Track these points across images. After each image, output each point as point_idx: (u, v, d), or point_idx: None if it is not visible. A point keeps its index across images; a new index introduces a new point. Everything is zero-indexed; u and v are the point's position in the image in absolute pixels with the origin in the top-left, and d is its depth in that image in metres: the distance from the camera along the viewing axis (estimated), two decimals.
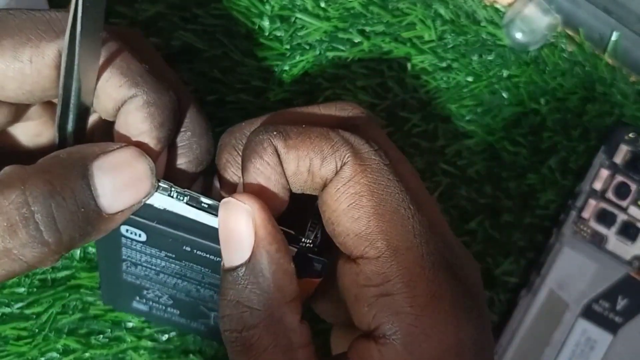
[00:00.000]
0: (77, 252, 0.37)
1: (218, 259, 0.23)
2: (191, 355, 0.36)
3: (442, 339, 0.20)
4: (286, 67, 0.38)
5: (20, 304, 0.36)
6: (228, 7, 0.38)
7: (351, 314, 0.22)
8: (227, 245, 0.21)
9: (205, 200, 0.22)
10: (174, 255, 0.25)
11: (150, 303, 0.30)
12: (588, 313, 0.37)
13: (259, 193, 0.21)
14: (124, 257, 0.26)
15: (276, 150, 0.21)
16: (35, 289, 0.37)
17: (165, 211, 0.22)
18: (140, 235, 0.24)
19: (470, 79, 0.39)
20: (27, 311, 0.36)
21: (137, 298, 0.30)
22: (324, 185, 0.22)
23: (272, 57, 0.38)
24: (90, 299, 0.36)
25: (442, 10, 0.39)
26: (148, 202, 0.22)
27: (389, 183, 0.21)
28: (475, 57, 0.39)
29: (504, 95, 0.39)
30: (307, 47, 0.38)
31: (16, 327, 0.36)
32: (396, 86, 0.38)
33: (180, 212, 0.22)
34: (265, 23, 0.38)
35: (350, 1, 0.38)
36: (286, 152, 0.21)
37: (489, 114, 0.39)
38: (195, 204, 0.22)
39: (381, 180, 0.21)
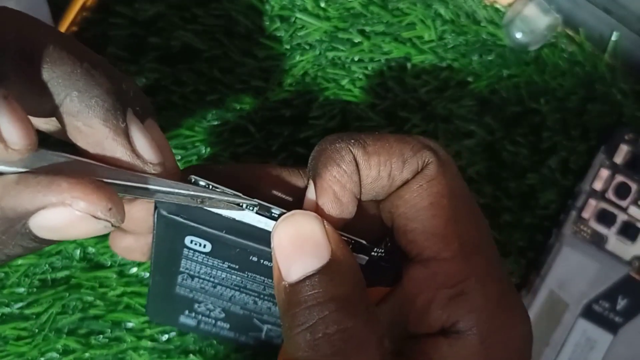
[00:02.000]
0: (77, 252, 0.37)
1: None
2: (191, 356, 0.36)
3: (514, 333, 0.21)
4: (286, 67, 0.38)
5: (20, 304, 0.36)
6: (228, 7, 0.38)
7: (413, 317, 0.22)
8: (302, 252, 0.20)
9: (276, 210, 0.21)
10: (237, 267, 0.25)
11: (200, 317, 0.29)
12: (588, 313, 0.37)
13: (331, 202, 0.21)
14: (181, 269, 0.26)
15: (354, 159, 0.21)
16: (35, 289, 0.37)
17: (233, 221, 0.22)
18: (204, 246, 0.23)
19: (470, 79, 0.39)
20: (27, 311, 0.36)
21: (187, 312, 0.29)
22: (398, 188, 0.22)
23: (272, 57, 0.38)
24: (90, 298, 0.36)
25: (442, 10, 0.39)
26: (216, 211, 0.21)
27: (464, 187, 0.22)
28: (475, 57, 0.39)
29: (504, 95, 0.39)
30: (307, 47, 0.38)
31: (16, 327, 0.36)
32: (396, 86, 0.38)
33: (250, 222, 0.22)
34: (265, 23, 0.38)
35: (350, 1, 0.38)
36: (367, 160, 0.21)
37: (489, 114, 0.39)
38: (266, 212, 0.21)
39: (459, 184, 0.22)
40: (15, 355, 0.36)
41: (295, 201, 0.23)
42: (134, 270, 0.37)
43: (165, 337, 0.36)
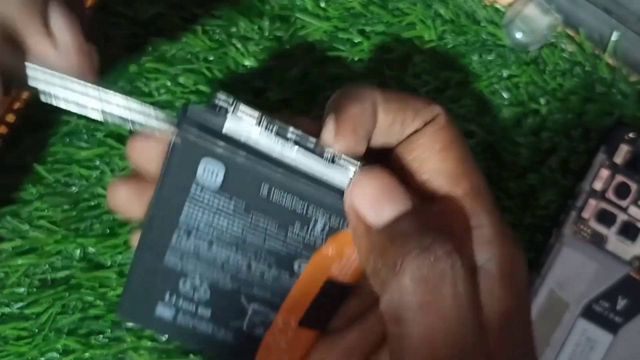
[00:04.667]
0: (77, 252, 0.37)
1: (294, 202, 0.23)
2: (191, 355, 0.36)
3: (520, 261, 0.23)
4: (286, 67, 0.38)
5: (20, 304, 0.36)
6: (228, 7, 0.38)
7: None
8: (390, 197, 0.22)
9: (295, 131, 0.22)
10: (243, 205, 0.24)
11: (180, 302, 0.28)
12: (588, 313, 0.37)
13: (349, 136, 0.23)
14: (181, 220, 0.25)
15: (374, 102, 0.23)
16: (35, 289, 0.37)
17: (248, 144, 0.22)
18: (217, 176, 0.23)
19: (470, 79, 0.39)
20: (27, 311, 0.36)
21: (167, 297, 0.27)
22: (409, 135, 0.24)
23: (272, 57, 0.38)
24: (90, 298, 0.36)
25: (442, 10, 0.39)
26: (230, 134, 0.22)
27: (466, 140, 0.25)
28: (475, 57, 0.39)
29: (504, 95, 0.39)
30: (307, 47, 0.38)
31: (16, 327, 0.36)
32: (396, 86, 0.38)
33: (266, 145, 0.22)
34: (265, 23, 0.38)
35: (350, 1, 0.38)
36: (385, 105, 0.23)
37: (489, 114, 0.39)
38: (285, 135, 0.22)
39: (463, 135, 0.24)
40: (15, 355, 0.36)
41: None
42: None
43: (165, 337, 0.36)
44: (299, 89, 0.38)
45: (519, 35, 0.38)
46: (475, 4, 0.39)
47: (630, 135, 0.38)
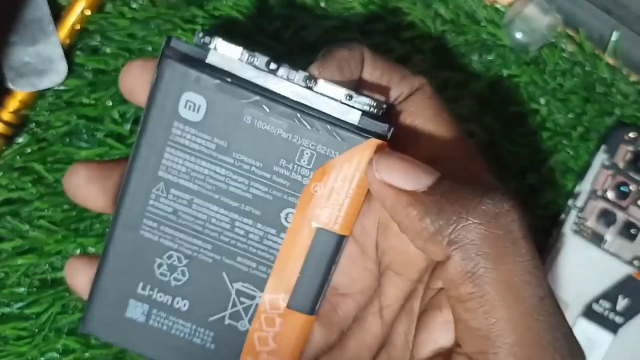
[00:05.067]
0: (77, 252, 0.37)
1: (278, 132, 0.22)
2: None
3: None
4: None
5: (20, 304, 0.36)
6: (228, 7, 0.38)
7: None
8: (418, 166, 0.22)
9: (277, 62, 0.22)
10: (226, 143, 0.23)
11: (154, 294, 0.24)
12: (588, 313, 0.37)
13: (333, 72, 0.23)
14: (161, 172, 0.23)
15: (362, 54, 0.24)
16: (35, 289, 0.37)
17: (230, 74, 0.22)
18: (198, 110, 0.22)
19: (470, 79, 0.39)
20: (27, 311, 0.36)
21: (140, 288, 0.24)
22: (400, 102, 0.24)
23: (272, 57, 0.38)
24: None
25: (442, 10, 0.39)
26: (209, 61, 0.22)
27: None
28: (475, 57, 0.39)
29: (504, 95, 0.39)
30: (307, 47, 0.38)
31: (16, 327, 0.36)
32: None
33: (249, 76, 0.22)
34: (265, 23, 0.38)
35: (350, 1, 0.38)
36: (373, 60, 0.24)
37: (489, 114, 0.39)
38: (269, 65, 0.22)
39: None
40: (15, 355, 0.36)
41: None
42: None
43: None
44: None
45: (519, 35, 0.38)
46: (475, 4, 0.39)
47: (630, 135, 0.38)
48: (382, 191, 0.22)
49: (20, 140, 0.37)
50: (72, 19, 0.37)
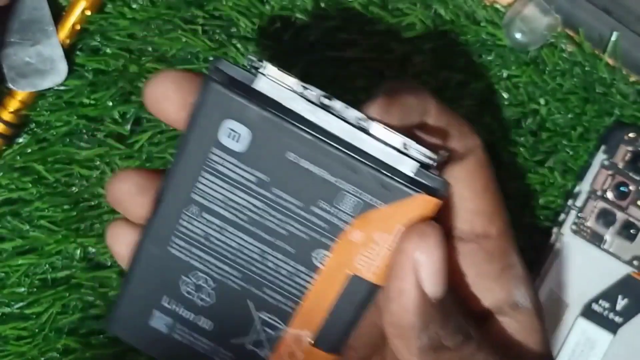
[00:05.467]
0: (78, 252, 0.37)
1: (323, 173, 0.21)
2: None
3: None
4: (286, 68, 0.38)
5: (20, 304, 0.36)
6: (228, 7, 0.38)
7: (464, 296, 0.23)
8: (445, 271, 0.21)
9: (331, 97, 0.21)
10: (267, 179, 0.21)
11: (179, 309, 0.24)
12: (588, 313, 0.37)
13: (386, 108, 0.21)
14: (194, 195, 0.22)
15: (428, 102, 0.22)
16: (35, 289, 0.37)
17: (278, 105, 0.20)
18: (241, 139, 0.21)
19: (470, 79, 0.39)
20: (27, 311, 0.36)
21: (166, 301, 0.24)
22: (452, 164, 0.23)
23: (272, 57, 0.38)
24: (90, 298, 0.37)
25: (442, 11, 0.39)
26: (257, 87, 0.20)
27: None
28: (475, 57, 0.39)
29: (504, 95, 0.39)
30: (307, 47, 0.38)
31: (16, 327, 0.36)
32: None
33: (298, 109, 0.21)
34: (265, 23, 0.38)
35: (351, 1, 0.38)
36: (438, 111, 0.22)
37: (489, 114, 0.39)
38: (322, 99, 0.21)
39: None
40: (16, 355, 0.36)
41: None
42: None
43: None
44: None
45: (518, 35, 0.38)
46: (475, 4, 0.39)
47: (630, 135, 0.38)
48: (404, 269, 0.20)
49: (20, 140, 0.37)
50: (72, 19, 0.37)
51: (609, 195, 0.38)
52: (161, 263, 0.24)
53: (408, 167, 0.20)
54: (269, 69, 0.21)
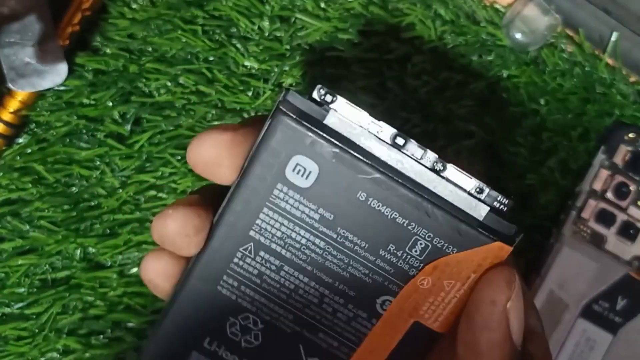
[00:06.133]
0: (78, 253, 0.37)
1: (394, 215, 0.20)
2: None
3: None
4: (286, 67, 0.38)
5: (20, 304, 0.36)
6: (228, 7, 0.38)
7: None
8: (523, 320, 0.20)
9: (402, 135, 0.20)
10: (332, 216, 0.20)
11: (221, 352, 0.23)
12: (588, 313, 0.37)
13: None
14: (253, 232, 0.21)
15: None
16: (35, 289, 0.37)
17: (349, 142, 0.20)
18: (308, 176, 0.20)
19: (470, 79, 0.39)
20: (27, 311, 0.36)
21: (207, 342, 0.23)
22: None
23: (272, 57, 0.38)
24: (90, 299, 0.37)
25: (442, 11, 0.39)
26: (327, 122, 0.19)
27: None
28: (475, 58, 0.39)
29: (504, 95, 0.39)
30: (307, 47, 0.38)
31: (16, 327, 0.36)
32: (396, 86, 0.38)
33: (369, 146, 0.20)
34: (265, 23, 0.38)
35: (350, 1, 0.38)
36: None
37: (489, 114, 0.39)
38: (395, 139, 0.20)
39: None
40: (16, 356, 0.36)
41: None
42: (135, 270, 0.37)
43: None
44: (299, 90, 0.38)
45: (518, 36, 0.38)
46: (475, 4, 0.39)
47: (630, 135, 0.38)
48: (499, 321, 0.20)
49: (20, 140, 0.37)
50: (72, 19, 0.37)
51: (609, 195, 0.38)
52: (208, 302, 0.22)
53: (482, 213, 0.20)
54: (341, 103, 0.20)
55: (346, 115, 0.20)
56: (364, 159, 0.20)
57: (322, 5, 0.38)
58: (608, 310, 0.37)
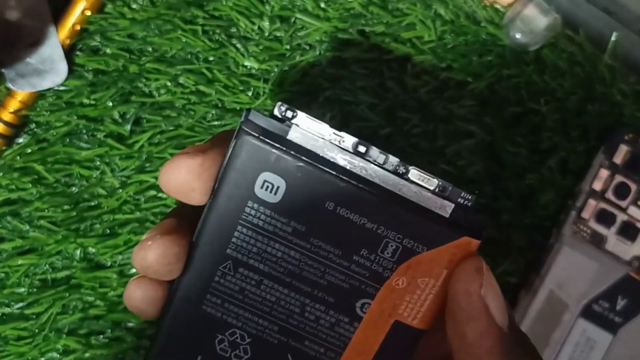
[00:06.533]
0: (78, 253, 0.37)
1: (363, 221, 0.21)
2: None
3: None
4: (286, 68, 0.38)
5: (20, 304, 0.36)
6: (228, 7, 0.38)
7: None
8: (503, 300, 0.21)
9: (363, 143, 0.20)
10: (304, 228, 0.21)
11: None
12: (588, 313, 0.37)
13: None
14: (229, 250, 0.22)
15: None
16: (35, 289, 0.37)
17: (313, 154, 0.20)
18: (276, 191, 0.21)
19: (470, 79, 0.39)
20: (27, 311, 0.36)
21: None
22: None
23: (272, 57, 0.38)
24: (90, 299, 0.37)
25: (442, 11, 0.39)
26: (290, 138, 0.20)
27: None
28: (475, 57, 0.39)
29: (504, 95, 0.39)
30: (307, 47, 0.38)
31: (16, 327, 0.36)
32: (396, 86, 0.38)
33: (333, 157, 0.20)
34: (265, 23, 0.38)
35: (350, 1, 0.38)
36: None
37: (489, 114, 0.39)
38: (357, 147, 0.20)
39: None
40: (16, 355, 0.36)
41: None
42: (134, 270, 0.37)
43: None
44: (299, 89, 0.38)
45: (518, 36, 0.38)
46: (475, 4, 0.39)
47: (630, 135, 0.38)
48: (478, 310, 0.20)
49: (20, 140, 0.37)
50: (72, 19, 0.37)
51: (609, 195, 0.38)
52: (195, 322, 0.23)
53: (448, 210, 0.21)
54: (301, 118, 0.20)
55: (308, 129, 0.20)
56: (329, 170, 0.20)
57: (322, 5, 0.38)
58: (608, 310, 0.37)
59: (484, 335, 0.20)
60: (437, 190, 0.20)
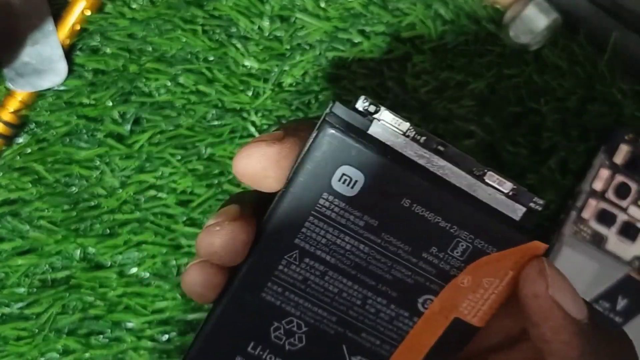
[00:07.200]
0: (77, 253, 0.37)
1: (437, 220, 0.21)
2: None
3: None
4: (286, 67, 0.38)
5: (20, 304, 0.36)
6: (228, 6, 0.38)
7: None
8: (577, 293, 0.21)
9: (445, 144, 0.21)
10: (376, 223, 0.21)
11: (264, 355, 0.24)
12: None
13: None
14: (298, 240, 0.22)
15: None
16: (35, 289, 0.37)
17: (393, 151, 0.20)
18: (353, 185, 0.21)
19: (470, 79, 0.39)
20: (27, 311, 0.36)
21: (251, 347, 0.23)
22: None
23: (272, 57, 0.38)
24: (90, 299, 0.36)
25: (442, 10, 0.39)
26: (371, 132, 0.20)
27: None
28: (475, 57, 0.39)
29: (504, 95, 0.39)
30: (307, 47, 0.38)
31: (16, 327, 0.36)
32: (396, 86, 0.38)
33: (414, 155, 0.20)
34: (265, 23, 0.38)
35: (350, 1, 0.38)
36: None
37: (489, 114, 0.39)
38: (436, 146, 0.20)
39: None
40: (15, 356, 0.36)
41: None
42: (134, 270, 0.37)
43: (165, 337, 0.36)
44: (299, 89, 0.38)
45: (519, 36, 0.38)
46: (475, 4, 0.39)
47: (630, 135, 0.38)
48: (549, 309, 0.20)
49: (20, 140, 0.37)
50: (72, 19, 0.37)
51: (609, 195, 0.38)
52: (252, 309, 0.23)
53: (519, 214, 0.21)
54: (385, 114, 0.21)
55: (390, 125, 0.21)
56: (408, 167, 0.20)
57: (322, 5, 0.38)
58: (608, 310, 0.37)
59: (559, 330, 0.20)
60: (510, 193, 0.21)
